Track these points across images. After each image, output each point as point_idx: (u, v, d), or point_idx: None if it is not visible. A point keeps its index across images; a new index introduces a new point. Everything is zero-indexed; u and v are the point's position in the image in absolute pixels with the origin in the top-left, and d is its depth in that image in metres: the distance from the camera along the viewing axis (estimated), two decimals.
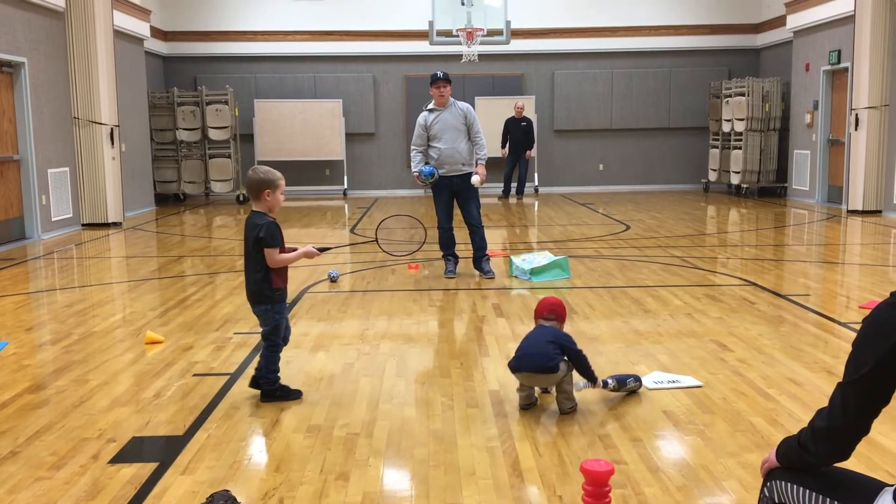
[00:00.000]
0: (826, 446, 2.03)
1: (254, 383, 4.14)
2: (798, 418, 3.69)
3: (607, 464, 2.74)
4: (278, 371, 4.10)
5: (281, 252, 3.99)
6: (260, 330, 5.46)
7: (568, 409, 3.83)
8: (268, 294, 4.03)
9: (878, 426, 3.51)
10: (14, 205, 10.25)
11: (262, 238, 3.94)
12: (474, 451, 3.40)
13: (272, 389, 4.05)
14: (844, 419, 1.99)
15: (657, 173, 17.29)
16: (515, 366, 3.86)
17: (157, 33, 15.57)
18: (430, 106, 7.28)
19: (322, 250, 4.19)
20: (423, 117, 7.27)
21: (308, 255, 4.11)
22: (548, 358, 3.77)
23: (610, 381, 4.01)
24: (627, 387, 4.07)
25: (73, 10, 11.31)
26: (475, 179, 7.16)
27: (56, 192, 11.02)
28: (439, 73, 7.18)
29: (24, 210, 10.42)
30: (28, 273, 8.28)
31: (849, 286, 6.95)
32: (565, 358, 3.84)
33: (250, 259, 4.03)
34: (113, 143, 11.93)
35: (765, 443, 3.44)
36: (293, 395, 4.10)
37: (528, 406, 3.91)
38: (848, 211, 12.29)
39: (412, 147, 7.34)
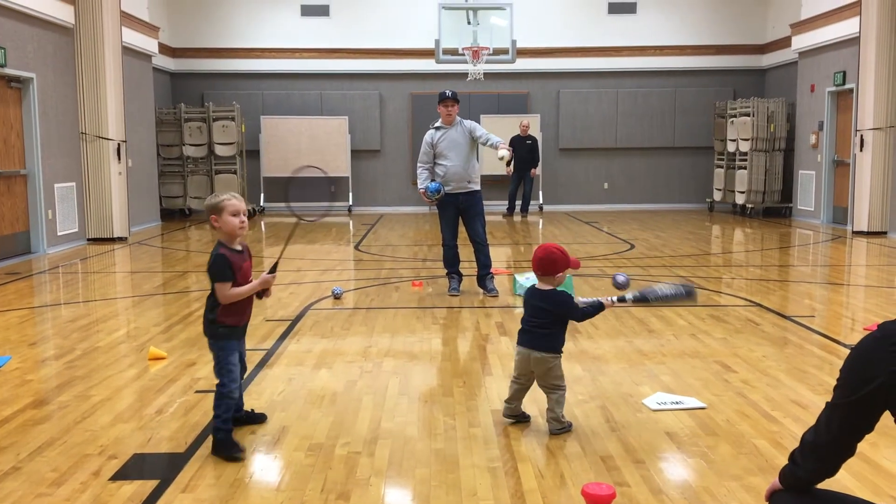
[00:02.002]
0: (812, 461, 2.07)
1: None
2: None
3: (609, 487, 2.73)
4: (223, 418, 3.57)
5: (234, 286, 3.63)
6: (263, 347, 5.49)
7: (557, 431, 3.82)
8: (212, 329, 3.68)
9: (882, 451, 3.50)
10: (20, 219, 10.29)
11: (208, 271, 3.66)
12: (476, 471, 3.39)
13: (217, 439, 3.57)
14: (827, 437, 2.03)
15: (662, 192, 17.30)
16: (518, 338, 3.95)
17: (165, 50, 15.68)
18: (438, 124, 7.32)
19: (273, 270, 3.78)
20: (429, 135, 7.31)
21: (265, 285, 3.72)
22: (549, 338, 3.89)
23: (629, 295, 3.87)
24: (660, 297, 3.82)
25: (82, 26, 11.40)
26: (503, 153, 7.05)
27: (62, 207, 11.07)
28: (448, 93, 7.22)
29: (30, 224, 10.46)
30: (33, 287, 8.30)
31: (854, 308, 6.93)
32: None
33: (210, 288, 3.71)
34: (120, 159, 11.99)
35: (769, 466, 3.42)
36: (232, 454, 3.52)
37: (513, 419, 3.93)
38: (853, 232, 12.27)
39: (418, 164, 7.38)
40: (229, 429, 3.60)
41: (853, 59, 12.53)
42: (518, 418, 3.95)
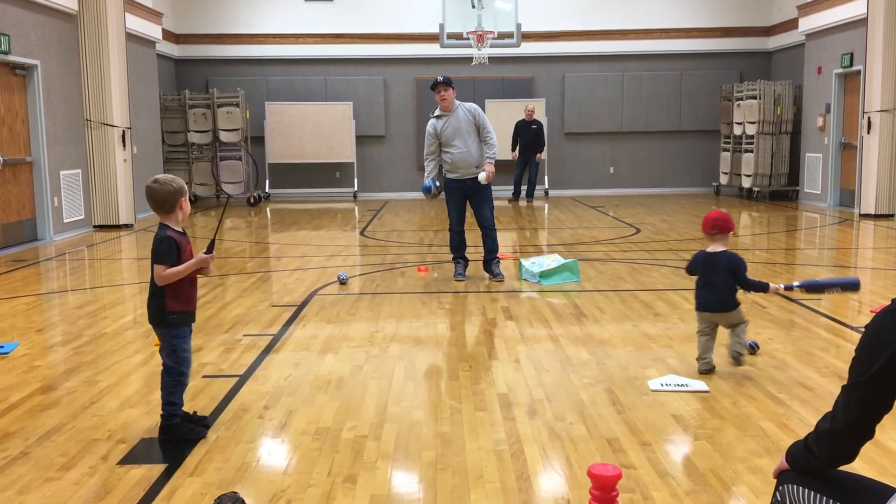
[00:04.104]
0: (829, 448, 2.04)
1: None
2: (808, 423, 3.66)
3: (615, 468, 2.73)
4: (179, 405, 3.63)
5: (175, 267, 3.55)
6: (269, 332, 5.50)
7: (738, 357, 4.37)
8: (162, 317, 3.61)
9: (889, 432, 3.49)
10: (26, 206, 10.31)
11: (152, 253, 3.57)
12: (482, 454, 3.39)
13: (169, 424, 3.61)
14: (846, 422, 2.00)
15: (668, 176, 17.24)
16: (698, 307, 4.50)
17: (169, 36, 15.65)
18: (437, 112, 7.24)
19: (210, 249, 3.65)
20: (431, 125, 7.22)
21: (202, 264, 3.60)
22: (728, 299, 4.40)
23: (796, 283, 4.35)
24: (829, 290, 4.37)
25: (85, 12, 11.37)
26: (481, 176, 7.09)
27: (68, 194, 11.09)
28: (439, 78, 7.10)
29: (36, 212, 10.48)
30: (40, 274, 8.32)
31: (861, 290, 6.89)
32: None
33: (151, 273, 3.62)
34: (124, 146, 11.99)
35: (775, 448, 3.42)
36: (195, 433, 3.61)
37: (708, 372, 4.39)
38: (860, 215, 12.22)
39: (425, 156, 7.28)
40: (184, 413, 3.67)
41: (861, 41, 12.44)
42: (711, 370, 4.41)
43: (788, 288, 4.36)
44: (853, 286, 4.23)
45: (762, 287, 4.43)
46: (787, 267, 8.04)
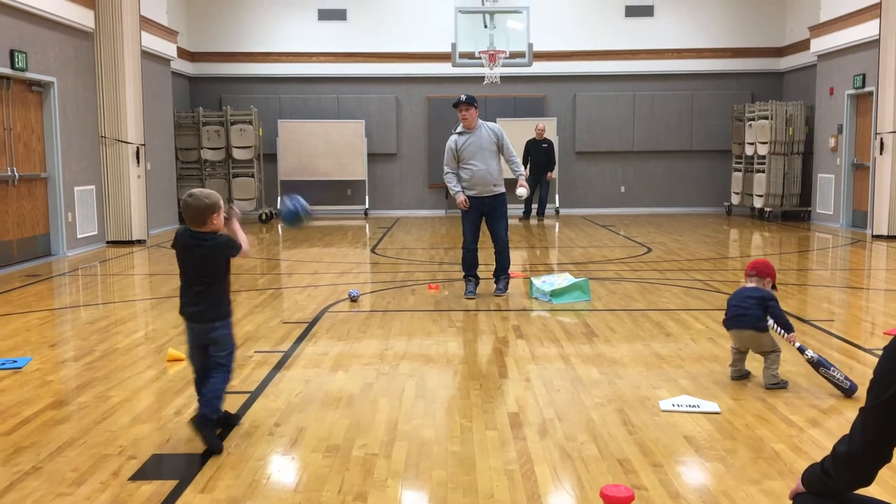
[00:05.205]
0: (847, 471, 2.02)
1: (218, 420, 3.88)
2: (822, 445, 3.64)
3: (627, 489, 2.72)
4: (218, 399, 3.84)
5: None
6: (280, 349, 5.51)
7: (772, 385, 4.45)
8: (227, 309, 3.93)
9: None
10: (40, 222, 10.38)
11: (222, 247, 3.80)
12: (493, 473, 3.38)
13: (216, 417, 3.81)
14: (863, 444, 1.99)
15: (679, 196, 17.23)
16: (727, 324, 4.64)
17: (183, 54, 15.79)
18: (459, 129, 7.30)
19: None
20: (452, 140, 7.27)
21: None
22: (755, 318, 4.46)
23: (810, 352, 4.46)
24: (830, 374, 4.37)
25: (102, 30, 11.51)
26: (521, 191, 7.33)
27: (82, 210, 11.17)
28: (462, 97, 7.19)
29: (50, 227, 10.55)
30: (53, 290, 8.37)
31: (874, 312, 6.86)
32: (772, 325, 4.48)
33: (209, 277, 3.82)
34: (138, 162, 12.08)
35: (787, 470, 3.39)
36: (214, 442, 3.68)
37: (739, 378, 4.63)
38: (873, 236, 12.17)
39: (445, 168, 7.35)
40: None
41: (873, 62, 12.43)
42: (743, 376, 4.67)
43: (801, 349, 4.50)
44: (849, 391, 4.34)
45: (787, 326, 4.51)
46: (800, 288, 8.00)
